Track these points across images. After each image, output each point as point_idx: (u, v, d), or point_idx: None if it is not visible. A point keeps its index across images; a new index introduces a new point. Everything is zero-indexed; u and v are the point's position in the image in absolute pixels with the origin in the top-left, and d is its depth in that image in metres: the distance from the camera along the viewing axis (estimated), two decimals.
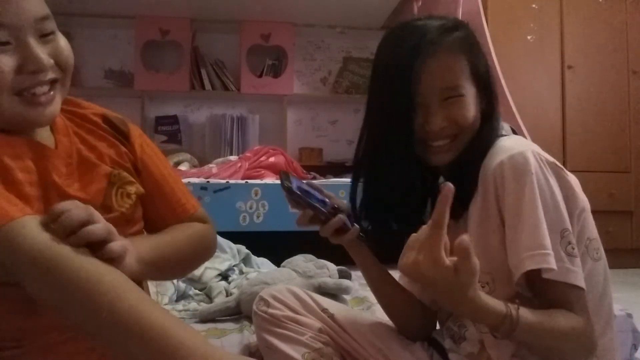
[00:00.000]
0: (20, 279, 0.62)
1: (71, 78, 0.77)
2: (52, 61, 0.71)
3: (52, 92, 0.72)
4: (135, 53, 3.28)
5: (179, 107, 3.51)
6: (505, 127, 0.94)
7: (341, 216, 0.85)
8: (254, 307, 0.94)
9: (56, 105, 0.74)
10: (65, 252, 0.61)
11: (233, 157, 2.66)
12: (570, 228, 0.74)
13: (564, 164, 3.34)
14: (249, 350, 1.10)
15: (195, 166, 2.81)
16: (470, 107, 0.80)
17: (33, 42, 0.69)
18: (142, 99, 3.33)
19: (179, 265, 0.86)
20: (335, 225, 0.85)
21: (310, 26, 3.50)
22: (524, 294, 0.77)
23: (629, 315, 1.27)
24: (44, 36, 0.71)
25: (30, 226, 0.62)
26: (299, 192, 0.82)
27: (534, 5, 3.35)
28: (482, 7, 2.78)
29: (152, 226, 0.88)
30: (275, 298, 0.92)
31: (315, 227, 0.88)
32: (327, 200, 0.88)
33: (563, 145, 3.32)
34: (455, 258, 0.62)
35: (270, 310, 0.91)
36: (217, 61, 3.42)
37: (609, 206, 3.27)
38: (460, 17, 2.27)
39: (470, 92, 0.80)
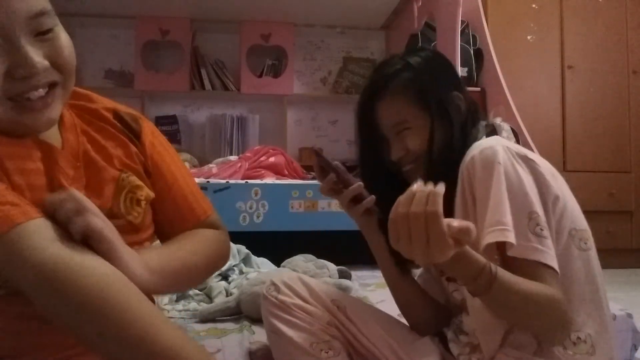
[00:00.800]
0: (25, 292, 0.59)
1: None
2: (46, 63, 0.64)
3: (49, 97, 0.66)
4: (135, 53, 3.28)
5: (178, 107, 3.51)
6: (505, 127, 0.98)
7: (360, 183, 0.91)
8: (264, 291, 0.93)
9: (54, 110, 0.68)
10: (75, 267, 0.57)
11: (233, 157, 2.66)
12: (539, 212, 0.78)
13: (564, 164, 3.37)
14: (249, 349, 1.10)
15: (195, 166, 2.81)
16: (421, 134, 0.90)
17: (25, 43, 0.62)
18: (142, 99, 3.33)
19: (189, 275, 0.80)
20: (355, 192, 0.90)
21: (310, 26, 3.50)
22: None
23: (629, 315, 1.27)
24: (40, 34, 0.64)
25: (37, 235, 0.59)
26: (326, 158, 0.93)
27: (534, 5, 3.35)
28: (482, 7, 2.78)
29: (161, 229, 0.85)
30: (286, 285, 0.92)
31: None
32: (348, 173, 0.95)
33: (563, 145, 3.33)
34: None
35: (281, 297, 0.91)
36: (217, 61, 3.42)
37: (609, 206, 3.27)
38: (460, 17, 2.27)
39: (418, 122, 0.90)
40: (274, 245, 1.86)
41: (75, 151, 0.73)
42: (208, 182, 2.22)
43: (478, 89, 2.69)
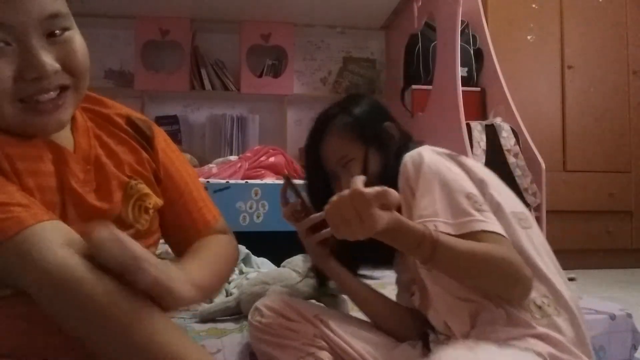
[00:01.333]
0: (32, 294, 0.58)
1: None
2: (57, 66, 0.64)
3: (60, 99, 0.66)
4: (135, 53, 3.28)
5: (179, 107, 3.51)
6: (505, 127, 0.99)
7: (322, 214, 0.89)
8: (249, 318, 0.97)
9: (65, 113, 0.67)
10: (83, 273, 0.56)
11: (233, 157, 2.66)
12: (476, 193, 0.85)
13: (564, 164, 3.37)
14: (249, 349, 1.10)
15: (195, 166, 2.81)
16: (362, 164, 0.99)
17: (36, 45, 0.62)
18: (142, 99, 3.33)
19: (220, 284, 0.83)
20: (314, 221, 0.95)
21: (310, 26, 3.50)
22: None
23: (629, 315, 1.27)
24: (53, 36, 0.64)
25: (46, 239, 0.57)
26: (295, 185, 0.98)
27: (534, 5, 3.35)
28: (482, 7, 2.78)
29: (171, 234, 0.85)
30: (268, 308, 0.96)
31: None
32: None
33: (563, 145, 3.33)
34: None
35: (264, 320, 0.95)
36: (217, 61, 3.42)
37: (609, 206, 3.27)
38: (460, 17, 2.27)
39: (360, 154, 1.00)
40: (274, 245, 1.86)
41: (87, 154, 0.72)
42: (208, 182, 2.22)
43: (478, 89, 2.70)
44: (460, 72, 2.27)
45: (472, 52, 2.74)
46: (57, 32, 0.64)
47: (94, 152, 0.74)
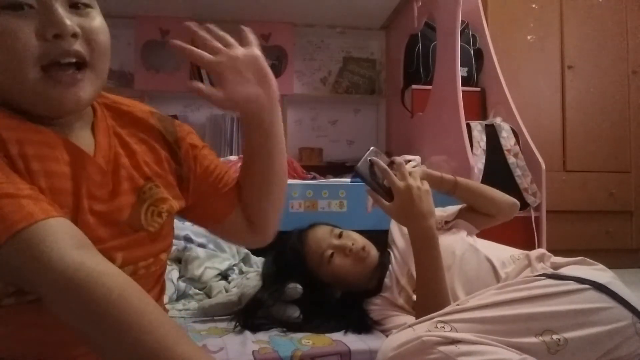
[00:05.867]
0: (41, 294, 0.55)
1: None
2: (77, 29, 0.63)
3: (79, 74, 0.65)
4: (135, 53, 3.28)
5: (179, 107, 3.51)
6: (505, 127, 0.99)
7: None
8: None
9: (84, 90, 0.66)
10: (96, 274, 0.54)
11: (233, 157, 2.65)
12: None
13: (564, 164, 3.37)
14: (251, 348, 1.10)
15: None
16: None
17: (58, 6, 0.62)
18: (142, 99, 3.32)
19: None
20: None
21: (310, 26, 3.50)
22: None
23: None
24: (76, 7, 0.64)
25: (57, 235, 0.55)
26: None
27: (534, 5, 3.35)
28: (482, 7, 2.78)
29: (209, 219, 0.88)
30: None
31: None
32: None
33: (563, 145, 3.33)
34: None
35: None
36: None
37: (609, 206, 3.27)
38: (460, 17, 2.27)
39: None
40: (274, 245, 1.85)
41: (106, 155, 0.71)
42: None
43: (478, 89, 2.70)
44: (460, 72, 2.26)
45: (472, 52, 2.74)
46: (80, 5, 0.65)
47: (113, 151, 0.72)
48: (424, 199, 1.10)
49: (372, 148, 1.16)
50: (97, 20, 0.68)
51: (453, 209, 1.39)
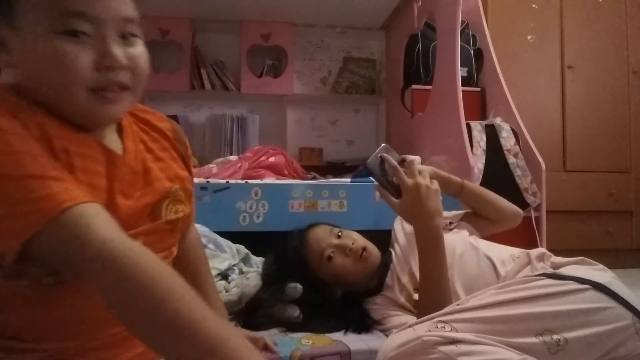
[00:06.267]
0: (80, 271, 0.59)
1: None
2: (126, 62, 0.69)
3: (121, 94, 0.71)
4: None
5: (179, 107, 3.51)
6: (505, 127, 0.99)
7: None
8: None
9: (121, 108, 0.72)
10: (138, 251, 0.58)
11: (233, 157, 2.65)
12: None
13: (564, 164, 3.37)
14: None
15: (195, 166, 2.80)
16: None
17: (113, 39, 0.67)
18: (142, 99, 3.32)
19: None
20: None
21: (310, 26, 3.50)
22: None
23: None
24: (125, 38, 0.70)
25: (99, 217, 0.60)
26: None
27: (534, 5, 3.35)
28: (482, 7, 2.78)
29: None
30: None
31: None
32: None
33: (563, 145, 3.33)
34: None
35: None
36: (217, 61, 3.42)
37: (609, 206, 3.27)
38: (460, 17, 2.27)
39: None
40: (274, 245, 1.86)
41: (135, 158, 0.77)
42: (208, 182, 2.22)
43: (478, 89, 2.70)
44: (460, 72, 2.26)
45: (472, 52, 2.74)
46: (129, 35, 0.71)
47: (140, 155, 0.78)
48: (432, 198, 1.10)
49: (383, 145, 1.16)
50: (140, 49, 0.73)
51: (457, 212, 1.39)
